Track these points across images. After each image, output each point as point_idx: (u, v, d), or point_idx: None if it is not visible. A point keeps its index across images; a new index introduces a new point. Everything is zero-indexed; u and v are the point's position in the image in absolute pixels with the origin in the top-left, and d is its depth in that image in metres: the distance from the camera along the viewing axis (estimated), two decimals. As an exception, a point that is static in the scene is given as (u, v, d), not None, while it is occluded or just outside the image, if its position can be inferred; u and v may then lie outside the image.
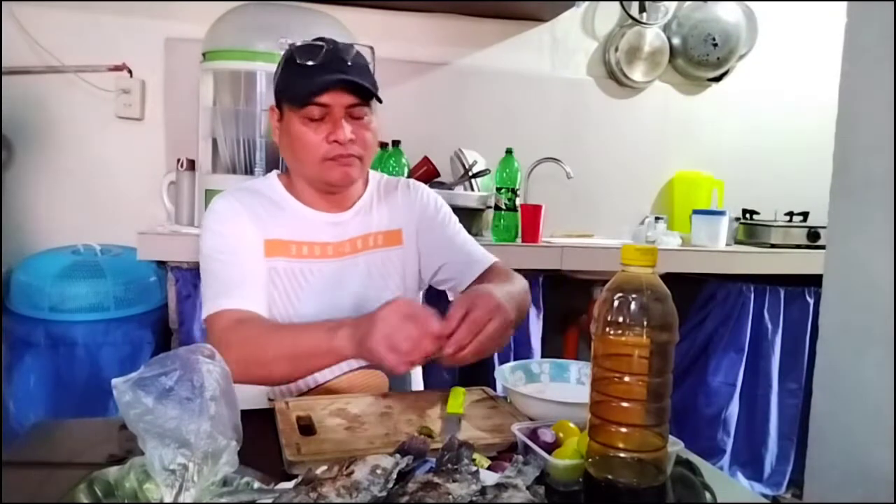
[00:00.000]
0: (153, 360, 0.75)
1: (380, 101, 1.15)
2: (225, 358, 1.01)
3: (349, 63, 1.11)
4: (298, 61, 1.11)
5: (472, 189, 2.15)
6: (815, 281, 1.93)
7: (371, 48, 1.20)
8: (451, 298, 1.35)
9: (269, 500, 0.60)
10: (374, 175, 1.31)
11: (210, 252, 1.15)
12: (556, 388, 1.01)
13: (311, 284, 1.18)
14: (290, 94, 1.13)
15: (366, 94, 1.12)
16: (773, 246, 2.36)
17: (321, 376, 1.15)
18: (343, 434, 0.86)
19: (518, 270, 1.36)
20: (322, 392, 1.13)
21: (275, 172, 1.27)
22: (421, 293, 1.36)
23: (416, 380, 1.32)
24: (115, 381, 0.77)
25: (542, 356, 2.09)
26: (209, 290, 1.12)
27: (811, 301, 2.29)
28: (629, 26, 2.56)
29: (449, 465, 0.67)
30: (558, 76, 2.57)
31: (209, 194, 1.86)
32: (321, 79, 1.09)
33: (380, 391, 1.12)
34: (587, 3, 2.53)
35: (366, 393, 1.06)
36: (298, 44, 1.14)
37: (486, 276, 1.25)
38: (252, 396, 1.17)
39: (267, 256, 1.16)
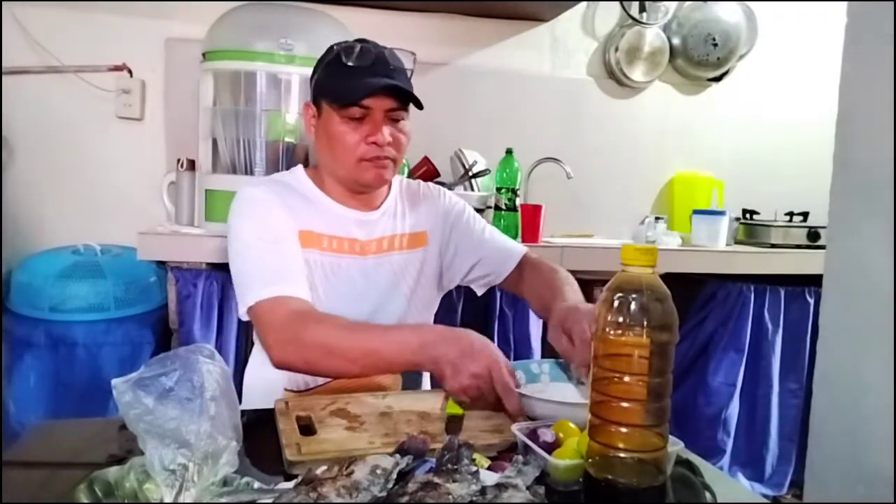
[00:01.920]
0: (153, 360, 0.75)
1: (420, 107, 1.17)
2: (296, 344, 1.01)
3: (392, 67, 1.13)
4: (345, 62, 1.11)
5: (472, 189, 2.15)
6: (815, 281, 1.93)
7: (413, 53, 1.20)
8: (479, 294, 1.38)
9: (269, 500, 0.60)
10: (396, 179, 1.33)
11: (251, 239, 1.12)
12: (556, 388, 1.01)
13: (339, 278, 1.18)
14: (333, 94, 1.14)
15: (407, 99, 1.14)
16: (773, 246, 2.36)
17: None
18: (343, 434, 0.86)
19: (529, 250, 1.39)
20: (335, 387, 1.14)
21: (300, 167, 1.26)
22: (441, 295, 1.37)
23: (426, 380, 1.33)
24: (115, 381, 0.78)
25: (542, 356, 2.09)
26: (255, 278, 1.08)
27: (811, 301, 2.29)
28: (629, 26, 2.56)
29: (449, 465, 0.67)
30: (558, 76, 2.57)
31: (209, 194, 1.86)
32: (368, 82, 1.10)
33: (392, 389, 1.13)
34: (587, 2, 2.53)
35: (378, 389, 1.07)
36: (344, 45, 1.14)
37: (523, 267, 1.31)
38: (268, 387, 1.18)
39: (303, 248, 1.16)
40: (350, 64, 1.11)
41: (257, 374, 1.26)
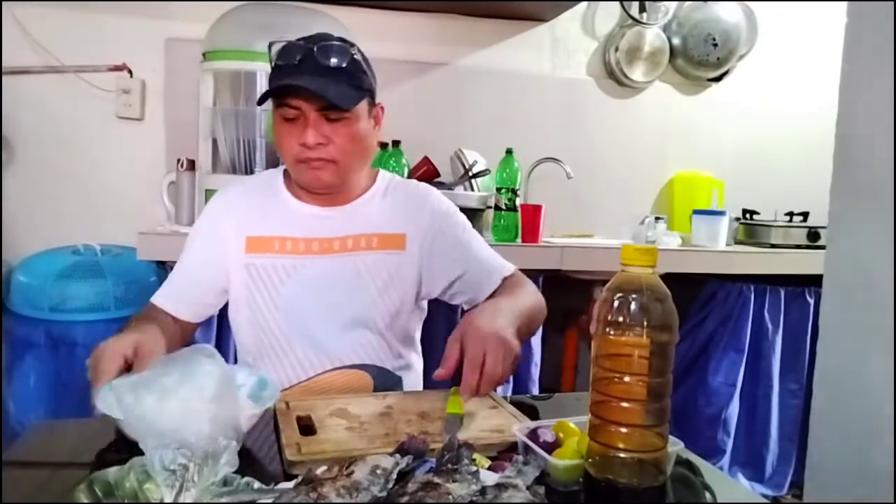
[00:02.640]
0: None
1: (343, 109, 1.09)
2: None
3: (323, 65, 1.08)
4: (276, 61, 1.11)
5: (472, 189, 2.15)
6: (815, 281, 1.93)
7: (351, 44, 1.13)
8: (465, 308, 1.29)
9: (269, 500, 0.60)
10: (384, 175, 1.29)
11: (186, 244, 1.24)
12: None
13: (293, 280, 1.17)
14: (270, 92, 1.12)
15: (324, 98, 1.08)
16: (773, 246, 2.35)
17: (294, 375, 1.17)
18: (343, 434, 0.86)
19: (518, 271, 1.36)
20: (299, 391, 1.15)
21: (282, 167, 1.26)
22: (423, 303, 1.31)
23: (417, 382, 1.31)
24: (115, 381, 0.78)
25: (542, 356, 2.09)
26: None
27: (811, 301, 2.29)
28: (629, 26, 2.56)
29: (449, 465, 0.67)
30: (558, 76, 2.57)
31: (209, 194, 1.86)
32: (286, 82, 1.08)
33: (363, 391, 1.13)
34: (587, 2, 2.53)
35: (348, 393, 1.07)
36: (281, 42, 1.12)
37: (501, 287, 1.22)
38: None
39: (246, 253, 1.18)
40: (278, 63, 1.10)
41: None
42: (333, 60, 1.09)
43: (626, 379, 0.62)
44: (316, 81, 1.07)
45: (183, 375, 0.74)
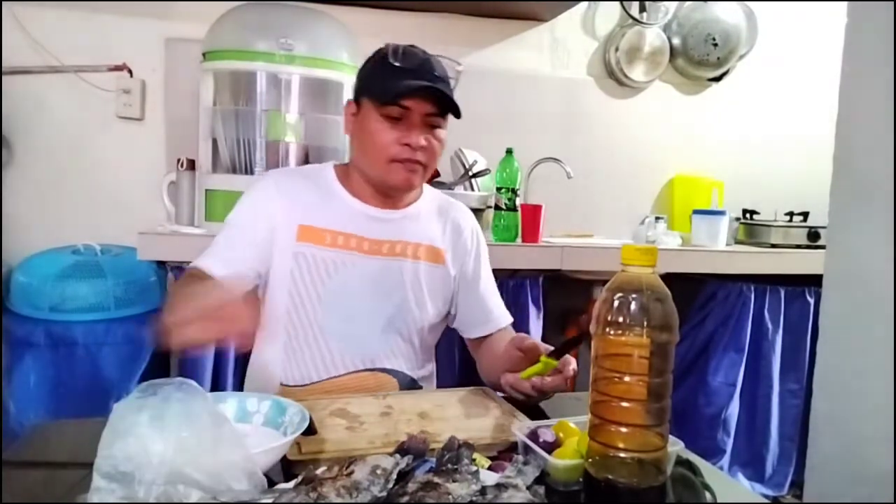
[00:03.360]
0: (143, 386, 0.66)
1: (458, 115, 1.17)
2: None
3: (437, 74, 1.14)
4: (391, 61, 1.13)
5: (472, 189, 2.15)
6: (815, 281, 1.93)
7: (458, 63, 1.25)
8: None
9: (269, 500, 0.60)
10: (431, 189, 1.33)
11: (230, 217, 1.20)
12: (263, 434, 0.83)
13: (340, 275, 1.18)
14: (375, 91, 1.14)
15: (446, 107, 1.15)
16: (773, 246, 2.35)
17: (324, 370, 1.17)
18: (343, 434, 0.86)
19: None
20: (329, 388, 1.15)
21: (331, 163, 1.28)
22: (444, 325, 1.34)
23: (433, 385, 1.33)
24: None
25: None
26: (207, 249, 1.18)
27: (811, 301, 2.29)
28: (629, 26, 2.56)
29: (449, 465, 0.67)
30: (558, 76, 2.57)
31: (209, 194, 1.86)
32: (410, 82, 1.11)
33: (388, 389, 1.14)
34: (587, 2, 2.53)
35: (376, 389, 1.09)
36: (393, 46, 1.16)
37: (497, 336, 1.28)
38: (265, 383, 1.19)
39: (297, 241, 1.17)
40: (395, 64, 1.13)
41: (256, 365, 1.26)
42: (444, 71, 1.17)
43: (627, 379, 0.62)
44: (440, 87, 1.13)
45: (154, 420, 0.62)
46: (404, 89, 1.11)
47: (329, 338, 1.17)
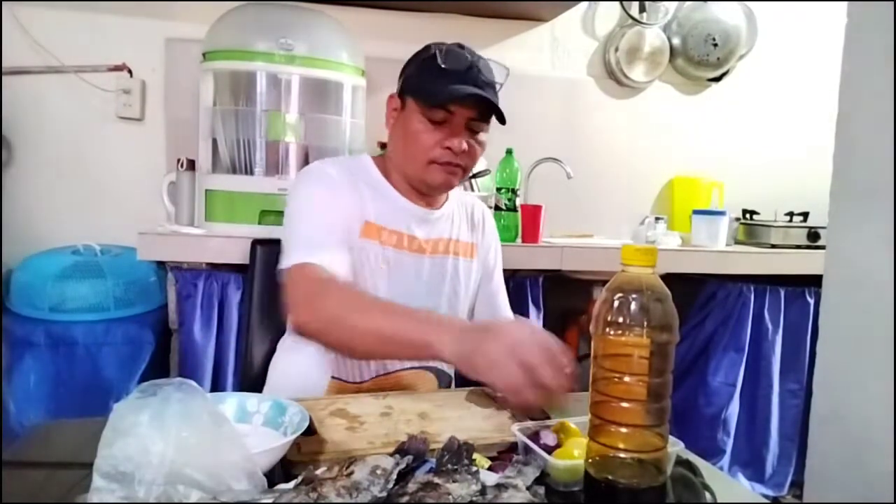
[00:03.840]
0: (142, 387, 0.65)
1: (503, 122, 1.17)
2: (313, 307, 0.99)
3: (484, 79, 1.14)
4: (440, 63, 1.12)
5: (472, 189, 2.15)
6: (815, 281, 1.92)
7: (506, 68, 1.22)
8: None
9: (269, 500, 0.60)
10: None
11: (307, 205, 1.13)
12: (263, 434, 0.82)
13: (394, 273, 1.18)
14: (421, 92, 1.14)
15: (491, 112, 1.15)
16: (773, 246, 2.35)
17: (374, 368, 1.18)
18: (343, 434, 0.86)
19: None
20: (372, 385, 1.16)
21: (366, 155, 1.27)
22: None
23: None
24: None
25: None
26: (298, 239, 1.10)
27: (811, 301, 2.28)
28: (629, 26, 2.56)
29: (449, 465, 0.67)
30: (558, 76, 2.57)
31: (209, 194, 1.86)
32: (457, 87, 1.10)
33: (430, 391, 1.16)
34: (587, 2, 2.53)
35: (417, 391, 1.09)
36: (443, 46, 1.15)
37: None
38: (304, 381, 1.18)
39: (361, 237, 1.16)
40: (444, 66, 1.12)
41: (296, 364, 1.23)
42: (491, 77, 1.16)
43: (626, 379, 0.62)
44: (486, 93, 1.12)
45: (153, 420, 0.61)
46: (451, 95, 1.10)
47: None
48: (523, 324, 0.91)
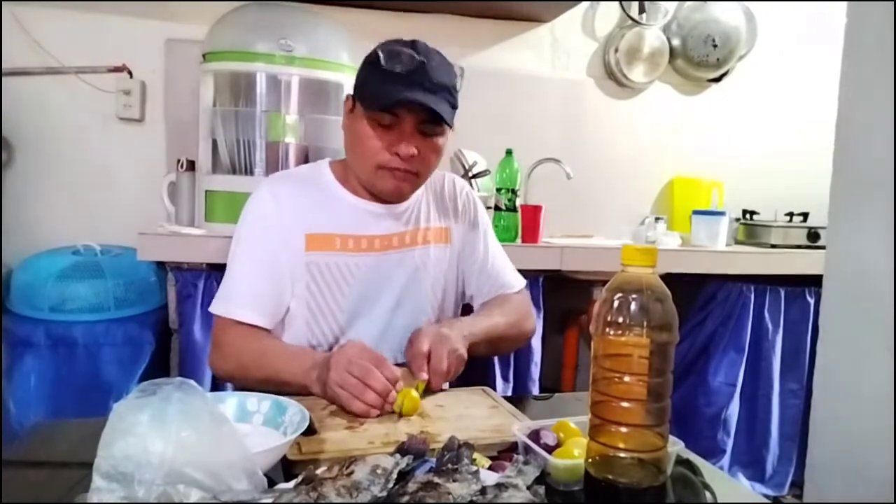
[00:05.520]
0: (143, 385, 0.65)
1: (450, 126, 1.12)
2: (224, 358, 1.11)
3: (434, 81, 1.06)
4: (382, 65, 1.05)
5: (472, 189, 2.15)
6: (815, 281, 1.93)
7: (461, 68, 1.17)
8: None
9: (269, 500, 0.60)
10: None
11: (242, 249, 1.15)
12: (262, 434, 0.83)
13: (356, 278, 1.16)
14: (365, 95, 1.10)
15: (439, 117, 1.08)
16: (773, 246, 2.36)
17: None
18: (343, 434, 0.86)
19: (518, 271, 1.37)
20: None
21: (326, 160, 1.24)
22: (460, 305, 1.34)
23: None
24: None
25: (542, 356, 2.09)
26: (230, 288, 1.14)
27: (811, 301, 2.28)
28: (629, 27, 2.56)
29: (449, 465, 0.67)
30: (558, 76, 2.57)
31: (209, 195, 1.86)
32: (398, 93, 1.04)
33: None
34: (587, 3, 2.53)
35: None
36: (387, 46, 1.08)
37: (492, 301, 1.29)
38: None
39: (307, 251, 1.14)
40: (386, 68, 1.05)
41: None
42: (443, 79, 1.08)
43: (627, 379, 0.62)
44: (429, 98, 1.05)
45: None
46: (390, 100, 1.05)
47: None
48: (342, 350, 0.99)
